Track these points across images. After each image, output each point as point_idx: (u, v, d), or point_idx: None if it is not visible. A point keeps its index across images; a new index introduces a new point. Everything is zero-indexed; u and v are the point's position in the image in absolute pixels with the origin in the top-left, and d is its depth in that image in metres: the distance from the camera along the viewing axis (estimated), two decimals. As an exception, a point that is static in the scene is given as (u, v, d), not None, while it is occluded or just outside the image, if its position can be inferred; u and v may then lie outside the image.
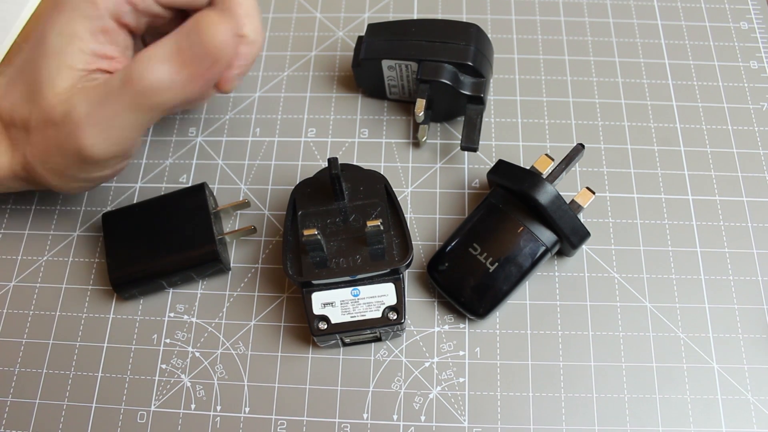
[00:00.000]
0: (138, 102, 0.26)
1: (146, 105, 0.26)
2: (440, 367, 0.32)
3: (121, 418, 0.32)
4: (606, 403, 0.31)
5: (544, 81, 0.40)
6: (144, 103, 0.26)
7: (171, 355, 0.33)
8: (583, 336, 0.33)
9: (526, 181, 0.31)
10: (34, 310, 0.34)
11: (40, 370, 0.33)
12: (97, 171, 0.29)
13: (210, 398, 0.32)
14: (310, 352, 0.33)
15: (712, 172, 0.37)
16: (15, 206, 0.37)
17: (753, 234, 0.35)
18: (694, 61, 0.40)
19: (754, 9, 0.42)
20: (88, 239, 0.36)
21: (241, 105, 0.40)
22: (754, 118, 0.38)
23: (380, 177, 0.32)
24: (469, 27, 0.35)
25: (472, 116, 0.35)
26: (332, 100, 0.40)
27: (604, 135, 0.38)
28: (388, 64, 0.36)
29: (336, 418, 0.32)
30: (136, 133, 0.28)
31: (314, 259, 0.30)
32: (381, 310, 0.30)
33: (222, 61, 0.26)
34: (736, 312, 0.33)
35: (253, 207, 0.37)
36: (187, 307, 0.34)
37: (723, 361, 0.32)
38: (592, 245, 0.35)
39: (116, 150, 0.28)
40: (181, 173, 0.38)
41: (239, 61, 0.32)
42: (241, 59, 0.32)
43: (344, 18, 0.43)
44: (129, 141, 0.28)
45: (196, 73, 0.26)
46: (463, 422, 0.31)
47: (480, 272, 0.32)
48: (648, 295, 0.34)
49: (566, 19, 0.42)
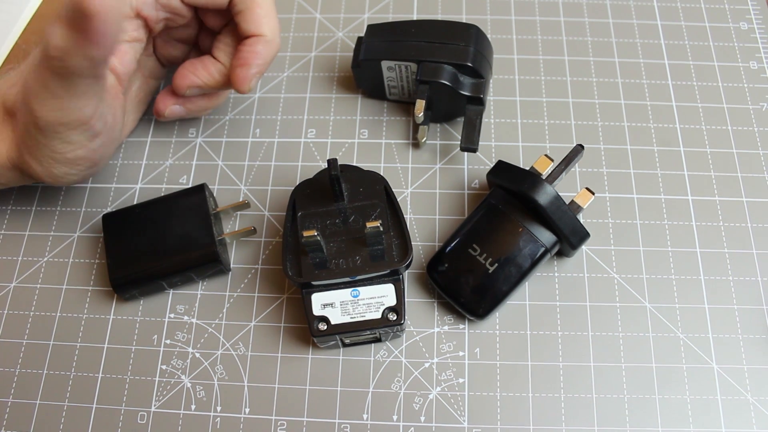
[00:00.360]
0: (53, 66, 0.26)
1: (61, 69, 0.26)
2: (440, 367, 0.33)
3: (122, 418, 0.32)
4: (606, 404, 0.31)
5: (544, 81, 0.40)
6: (58, 66, 0.26)
7: (171, 356, 0.33)
8: (582, 336, 0.33)
9: (526, 182, 0.31)
10: (35, 311, 0.34)
11: (41, 371, 0.33)
12: (61, 144, 0.29)
13: (210, 399, 0.32)
14: (310, 353, 0.33)
15: (711, 172, 0.37)
16: (15, 207, 0.37)
17: (753, 234, 0.35)
18: (694, 62, 0.40)
19: (754, 9, 0.42)
20: (88, 240, 0.36)
21: (241, 106, 0.40)
22: (754, 118, 0.38)
23: (380, 178, 0.32)
24: (468, 28, 0.36)
25: (472, 117, 0.35)
26: (332, 100, 0.40)
27: (603, 135, 0.38)
28: (387, 65, 0.36)
29: (336, 419, 0.32)
30: (78, 101, 0.28)
31: (314, 260, 0.30)
32: (381, 311, 0.30)
33: (99, 19, 0.24)
34: (736, 312, 0.33)
35: (253, 208, 0.37)
36: (187, 307, 0.34)
37: (723, 361, 0.32)
38: (591, 246, 0.35)
39: (61, 116, 0.28)
40: (181, 174, 0.38)
41: (257, 60, 0.33)
42: (259, 58, 0.33)
43: (344, 19, 0.43)
44: (73, 110, 0.28)
45: (82, 35, 0.24)
46: (463, 423, 0.31)
47: (480, 273, 0.32)
48: (648, 295, 0.34)
49: (566, 20, 0.42)
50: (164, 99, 0.36)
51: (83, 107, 0.28)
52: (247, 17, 0.32)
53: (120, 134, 0.33)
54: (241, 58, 0.33)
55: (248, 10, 0.32)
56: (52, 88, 0.27)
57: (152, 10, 0.32)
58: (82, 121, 0.28)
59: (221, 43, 0.34)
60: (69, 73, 0.26)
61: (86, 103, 0.28)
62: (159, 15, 0.32)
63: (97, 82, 0.27)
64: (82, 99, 0.28)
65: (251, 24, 0.32)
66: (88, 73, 0.26)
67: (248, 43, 0.33)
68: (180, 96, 0.35)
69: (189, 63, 0.35)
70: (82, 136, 0.29)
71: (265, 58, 0.33)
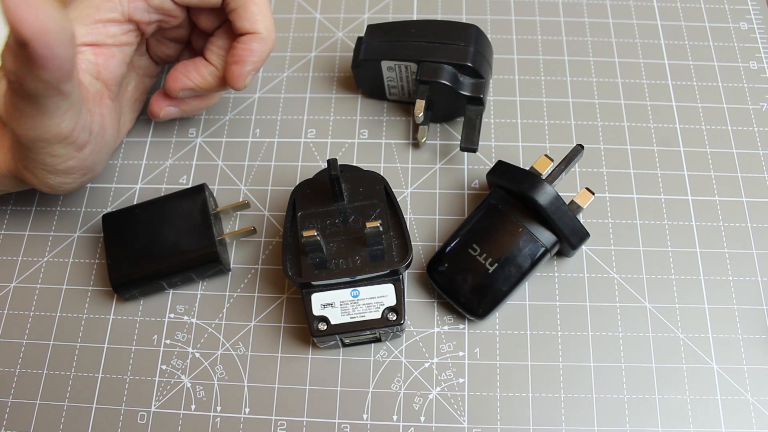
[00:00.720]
0: (14, 88, 0.25)
1: (21, 91, 0.25)
2: (440, 367, 0.33)
3: (122, 418, 0.32)
4: (606, 404, 0.31)
5: (544, 81, 0.40)
6: (18, 89, 0.25)
7: (171, 356, 0.33)
8: (582, 336, 0.33)
9: (526, 182, 0.31)
10: (35, 311, 0.35)
11: (41, 371, 0.33)
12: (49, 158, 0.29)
13: (210, 399, 0.32)
14: (309, 353, 0.33)
15: (711, 172, 0.37)
16: (15, 207, 0.37)
17: (752, 234, 0.35)
18: (694, 62, 0.40)
19: (754, 9, 0.42)
20: (88, 240, 0.36)
21: (241, 106, 0.40)
22: (754, 118, 0.38)
23: (380, 178, 0.32)
24: (468, 28, 0.36)
25: (472, 117, 0.35)
26: (332, 100, 0.40)
27: (603, 135, 0.38)
28: (387, 65, 0.36)
29: (336, 419, 0.32)
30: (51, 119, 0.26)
31: (314, 260, 0.30)
32: (380, 311, 0.30)
33: (37, 45, 0.22)
34: (736, 312, 0.33)
35: (253, 208, 0.37)
36: (187, 307, 0.34)
37: (722, 361, 0.32)
38: (591, 246, 0.35)
39: (39, 134, 0.27)
40: (181, 174, 0.38)
41: (251, 57, 0.33)
42: (254, 55, 0.33)
43: (344, 19, 0.43)
44: (50, 126, 0.27)
45: (27, 60, 0.23)
46: (463, 423, 0.31)
47: (479, 273, 0.32)
48: (647, 295, 0.34)
49: (566, 20, 0.42)
50: (158, 101, 0.36)
51: (59, 123, 0.27)
52: (241, 14, 0.32)
53: (113, 139, 0.33)
54: (235, 55, 0.33)
55: (242, 8, 0.32)
56: (22, 108, 0.26)
57: (144, 14, 0.32)
58: (62, 136, 0.28)
59: (214, 46, 0.34)
60: (31, 94, 0.25)
61: (61, 119, 0.27)
62: (151, 18, 0.32)
63: (67, 99, 0.26)
64: (55, 116, 0.27)
65: (245, 21, 0.32)
66: (51, 93, 0.25)
67: (243, 41, 0.33)
68: (173, 98, 0.35)
69: (181, 65, 0.35)
70: (67, 149, 0.29)
71: (260, 55, 0.33)
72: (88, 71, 0.31)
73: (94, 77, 0.31)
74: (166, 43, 0.36)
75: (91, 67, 0.31)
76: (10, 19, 0.21)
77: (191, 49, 0.37)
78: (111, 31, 0.31)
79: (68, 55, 0.24)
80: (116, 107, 0.33)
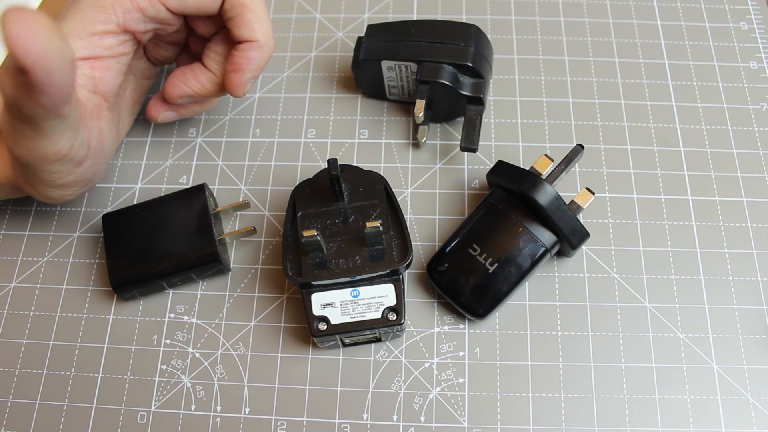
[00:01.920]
0: (12, 112, 0.25)
1: (20, 115, 0.25)
2: (440, 367, 0.33)
3: (122, 418, 0.32)
4: (606, 404, 0.31)
5: (544, 81, 0.40)
6: (16, 113, 0.25)
7: (171, 356, 0.33)
8: (582, 336, 0.33)
9: (526, 182, 0.31)
10: (35, 311, 0.35)
11: (41, 371, 0.33)
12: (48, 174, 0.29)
13: (210, 399, 0.32)
14: (310, 353, 0.33)
15: (711, 172, 0.37)
16: (15, 207, 0.37)
17: (753, 234, 0.35)
18: (694, 62, 0.40)
19: (754, 9, 0.42)
20: (88, 240, 0.36)
21: (241, 106, 0.40)
22: (754, 118, 0.38)
23: (380, 178, 0.32)
24: (468, 28, 0.36)
25: (472, 117, 0.35)
26: (332, 100, 0.40)
27: (603, 135, 0.38)
28: (387, 65, 0.36)
29: (336, 419, 0.32)
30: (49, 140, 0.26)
31: (314, 260, 0.30)
32: (381, 311, 0.30)
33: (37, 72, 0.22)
34: (736, 312, 0.33)
35: (253, 208, 0.37)
36: (187, 307, 0.34)
37: (722, 361, 0.32)
38: (591, 246, 0.35)
39: (38, 154, 0.27)
40: (181, 174, 0.38)
41: (250, 66, 0.32)
42: (252, 63, 0.32)
43: (344, 19, 0.43)
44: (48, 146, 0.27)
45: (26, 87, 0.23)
46: (463, 423, 0.31)
47: (480, 273, 0.32)
48: (648, 295, 0.34)
49: (566, 20, 0.42)
50: (156, 105, 0.36)
51: (57, 143, 0.27)
52: (239, 23, 0.32)
53: (112, 148, 0.33)
54: (234, 63, 0.33)
55: (240, 16, 0.32)
56: (19, 129, 0.26)
57: (140, 24, 0.31)
58: (60, 155, 0.27)
59: (212, 52, 0.34)
60: (29, 118, 0.25)
61: (59, 139, 0.27)
62: (147, 27, 0.32)
63: (65, 120, 0.26)
64: (53, 137, 0.26)
65: (244, 30, 0.32)
66: (50, 116, 0.25)
67: (241, 49, 0.32)
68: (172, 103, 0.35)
69: (179, 72, 0.34)
70: (66, 165, 0.29)
71: (259, 63, 0.33)
72: (85, 86, 0.30)
73: (91, 92, 0.31)
74: (163, 46, 0.35)
75: (89, 82, 0.31)
76: (10, 47, 0.21)
77: (189, 51, 0.37)
78: (107, 43, 0.31)
79: (68, 80, 0.23)
80: (114, 116, 0.33)
